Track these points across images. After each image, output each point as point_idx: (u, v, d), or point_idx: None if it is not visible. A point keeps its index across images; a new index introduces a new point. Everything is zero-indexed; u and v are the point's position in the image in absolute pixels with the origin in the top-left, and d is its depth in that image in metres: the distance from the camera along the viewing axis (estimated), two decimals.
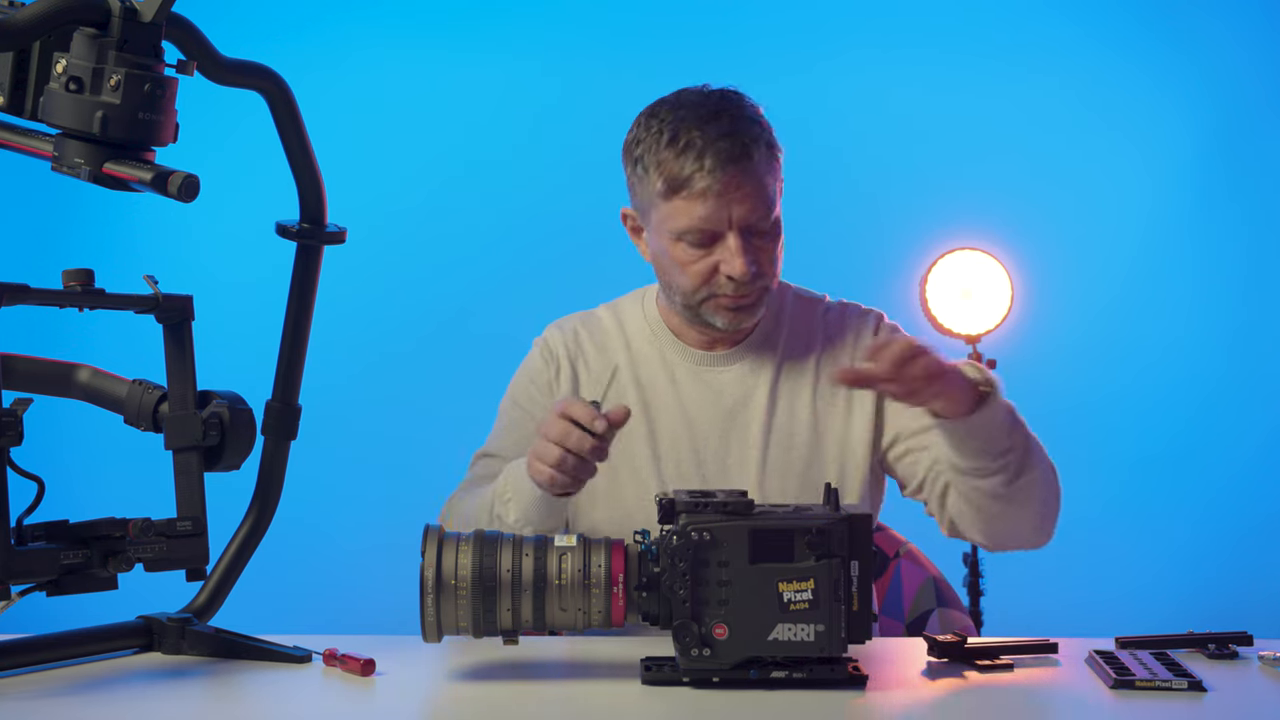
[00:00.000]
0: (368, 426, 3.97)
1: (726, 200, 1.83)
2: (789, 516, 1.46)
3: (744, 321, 1.93)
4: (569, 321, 2.07)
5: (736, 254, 1.85)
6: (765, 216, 1.86)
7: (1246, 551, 3.99)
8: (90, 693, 1.48)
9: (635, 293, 2.09)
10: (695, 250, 1.87)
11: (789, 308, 2.03)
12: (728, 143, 1.83)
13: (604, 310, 2.09)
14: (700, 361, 2.00)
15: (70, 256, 2.46)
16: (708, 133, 1.83)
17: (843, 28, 4.02)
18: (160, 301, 1.58)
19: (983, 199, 3.98)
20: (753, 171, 1.84)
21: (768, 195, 1.86)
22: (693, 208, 1.84)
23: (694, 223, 1.85)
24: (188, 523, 1.58)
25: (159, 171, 1.44)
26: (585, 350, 2.03)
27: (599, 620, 1.48)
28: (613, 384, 2.00)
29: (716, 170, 1.82)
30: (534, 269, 3.94)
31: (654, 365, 2.00)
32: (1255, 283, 4.03)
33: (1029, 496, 1.86)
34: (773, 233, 1.88)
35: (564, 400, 1.70)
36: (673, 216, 1.86)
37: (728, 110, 1.86)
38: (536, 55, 4.03)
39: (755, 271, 1.87)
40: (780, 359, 1.99)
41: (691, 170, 1.83)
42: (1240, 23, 4.00)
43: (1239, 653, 1.64)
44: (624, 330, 2.04)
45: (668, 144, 1.85)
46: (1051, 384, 3.97)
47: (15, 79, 1.48)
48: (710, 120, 1.85)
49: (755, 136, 1.85)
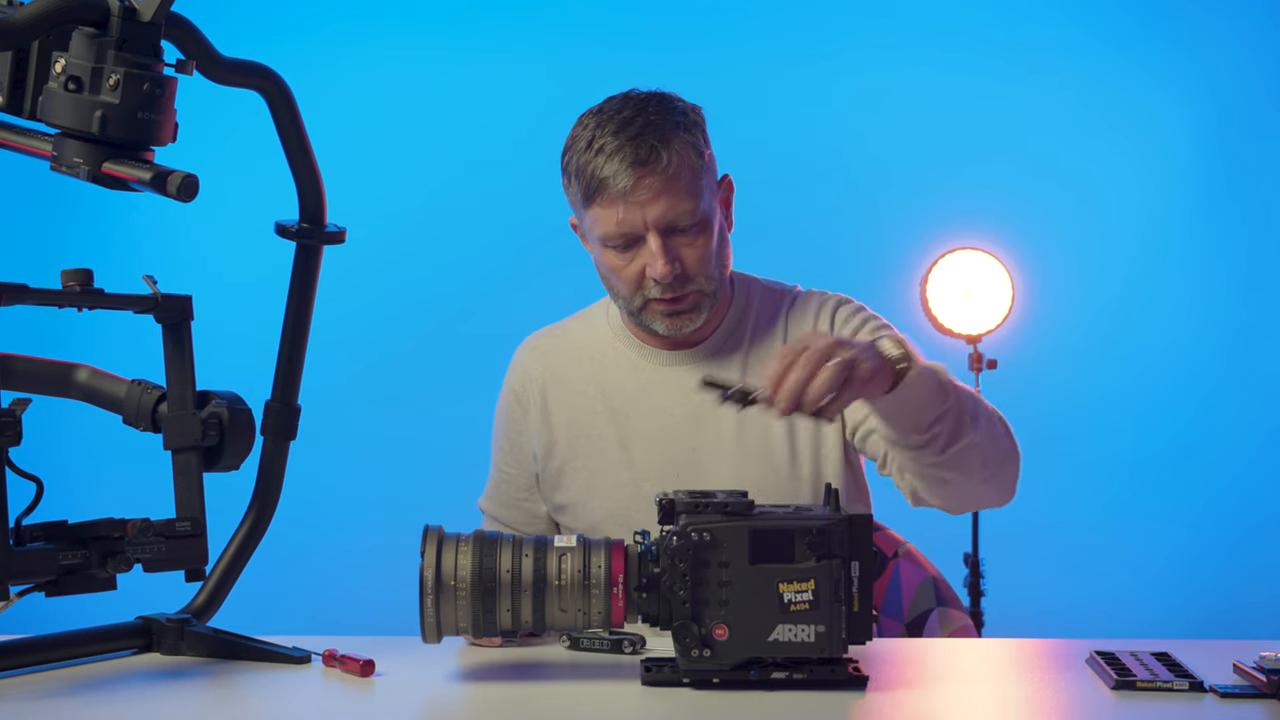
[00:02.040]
0: (367, 426, 3.97)
1: (639, 202, 1.83)
2: (789, 517, 1.46)
3: (684, 327, 1.92)
4: (536, 341, 2.08)
5: (657, 255, 1.85)
6: (686, 214, 1.85)
7: (1246, 552, 3.99)
8: (89, 693, 1.47)
9: (602, 301, 2.08)
10: (622, 255, 1.88)
11: (756, 301, 2.02)
12: (634, 145, 1.83)
13: (572, 321, 2.10)
14: (666, 361, 1.99)
15: (69, 256, 2.46)
16: (619, 137, 1.84)
17: (843, 28, 4.02)
18: (159, 301, 1.58)
19: (983, 199, 3.98)
20: (664, 171, 1.83)
21: (685, 193, 1.84)
22: (609, 212, 1.85)
23: (611, 227, 1.86)
24: (187, 523, 1.58)
25: (158, 171, 1.44)
26: (552, 368, 2.03)
27: (599, 621, 1.47)
28: (584, 397, 2.01)
29: (624, 173, 1.82)
30: (534, 269, 3.94)
31: (621, 370, 2.00)
32: (1256, 283, 4.03)
33: (969, 461, 1.78)
34: (697, 230, 1.87)
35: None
36: (595, 222, 1.88)
37: (643, 113, 1.86)
38: (536, 55, 4.03)
39: (680, 272, 1.86)
40: (747, 352, 1.98)
41: (604, 175, 1.83)
42: (1241, 22, 4.00)
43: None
44: (590, 340, 2.04)
45: (584, 150, 1.86)
46: (1052, 384, 3.97)
47: (14, 78, 1.48)
48: (624, 125, 1.85)
49: (667, 136, 1.84)
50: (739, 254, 1.99)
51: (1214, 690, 1.45)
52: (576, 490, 1.98)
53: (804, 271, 2.09)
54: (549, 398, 2.02)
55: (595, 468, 1.97)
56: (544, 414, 2.02)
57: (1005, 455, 1.84)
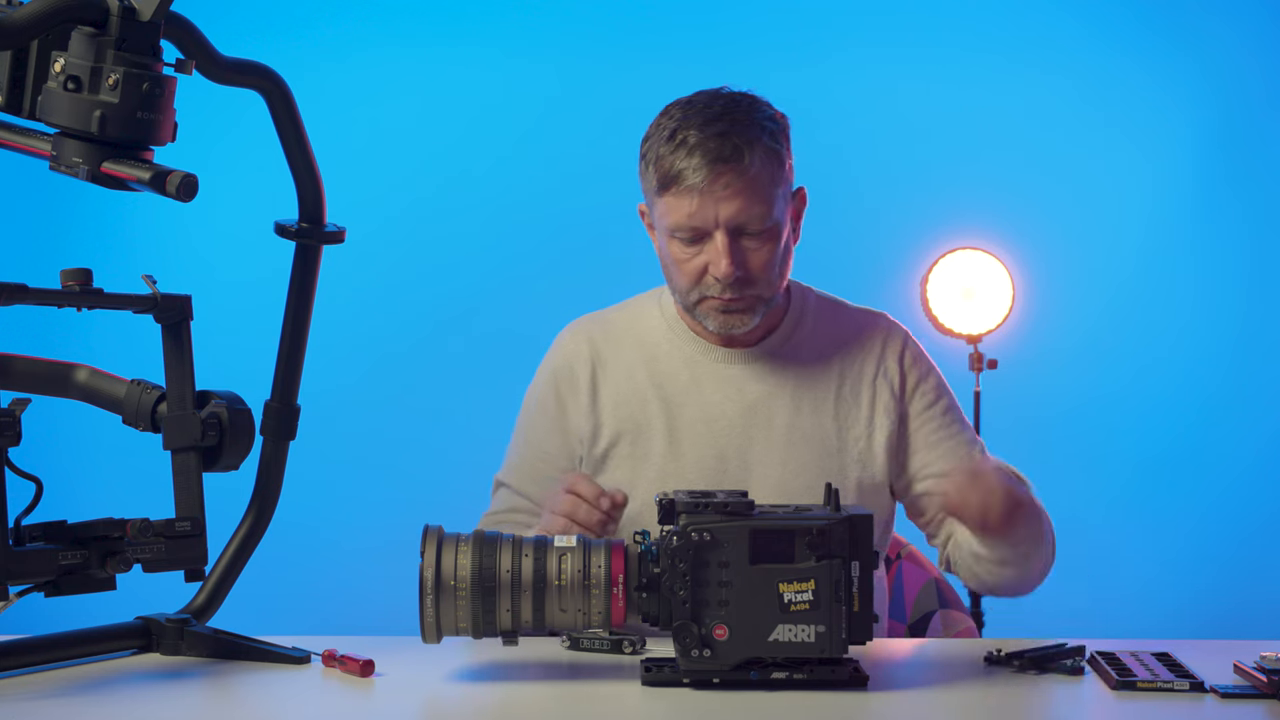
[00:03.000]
0: (367, 426, 3.96)
1: (714, 198, 1.84)
2: (789, 517, 1.46)
3: (736, 327, 1.93)
4: (583, 325, 2.07)
5: (722, 253, 1.85)
6: (757, 218, 1.86)
7: (1247, 552, 3.99)
8: (88, 694, 1.47)
9: (651, 292, 2.09)
10: (687, 248, 1.88)
11: (811, 310, 2.04)
12: (718, 142, 1.84)
13: (615, 312, 2.09)
14: (720, 358, 2.00)
15: (68, 256, 2.45)
16: (704, 131, 1.85)
17: (842, 26, 4.01)
18: (159, 301, 1.58)
19: (984, 198, 3.98)
20: (743, 172, 1.84)
21: (760, 197, 1.85)
22: (681, 204, 1.86)
23: (682, 219, 1.86)
24: (186, 523, 1.58)
25: (157, 171, 1.44)
26: (603, 354, 2.03)
27: (599, 621, 1.47)
28: (632, 384, 2.00)
29: (704, 168, 1.83)
30: (534, 269, 3.94)
31: (674, 361, 2.01)
32: (1257, 282, 4.02)
33: (1028, 569, 1.96)
34: (766, 236, 1.88)
35: (572, 477, 1.77)
36: (666, 212, 1.88)
37: (731, 112, 1.87)
38: (538, 53, 4.03)
39: (742, 275, 1.87)
40: (802, 359, 2.00)
41: (682, 166, 1.84)
42: (1242, 22, 3.99)
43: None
44: (639, 328, 2.04)
45: (666, 140, 1.87)
46: (1052, 384, 3.97)
47: (13, 78, 1.48)
48: (711, 121, 1.86)
49: (752, 139, 1.85)
50: None
51: (1214, 690, 1.45)
52: (619, 477, 1.96)
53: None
54: (598, 380, 2.02)
55: (641, 454, 1.97)
56: (592, 396, 2.01)
57: (1051, 559, 2.01)
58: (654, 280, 2.10)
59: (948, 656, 1.69)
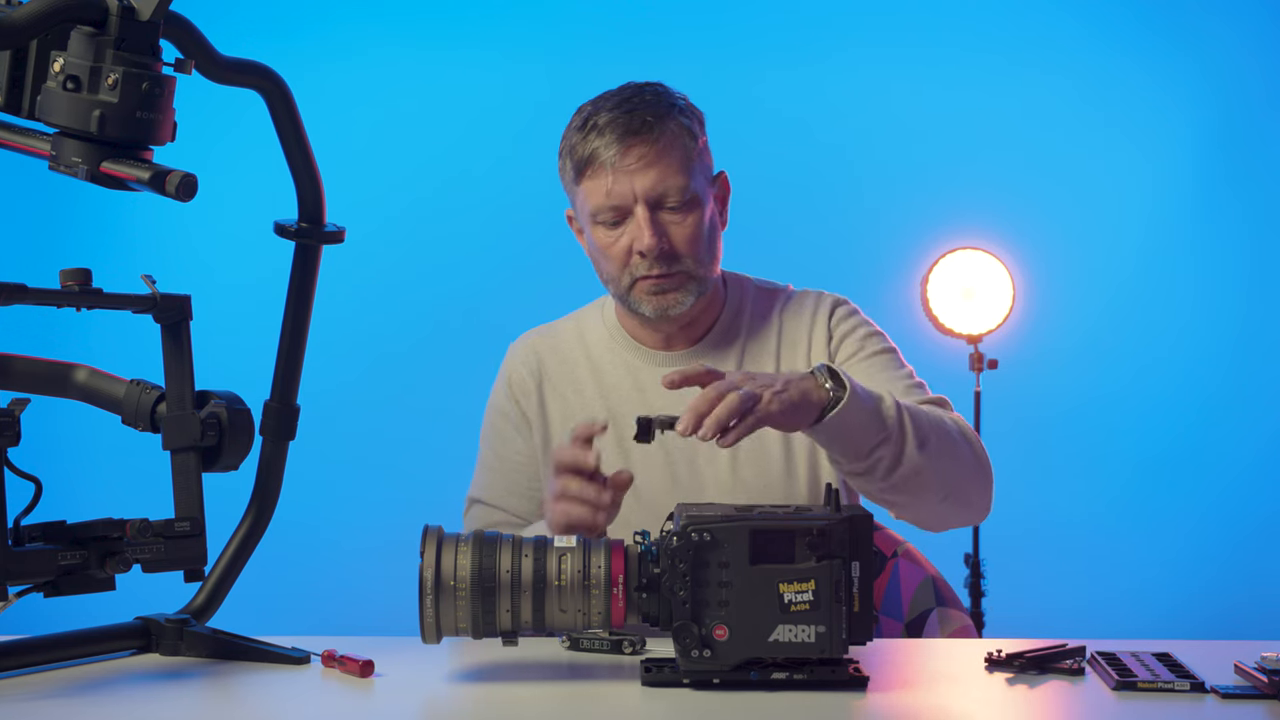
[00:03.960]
0: (367, 426, 3.96)
1: (628, 172, 1.86)
2: (790, 517, 1.46)
3: (671, 308, 1.91)
4: (528, 340, 2.08)
5: (644, 226, 1.86)
6: (675, 190, 1.87)
7: (1247, 552, 3.99)
8: (88, 694, 1.47)
9: (596, 301, 2.09)
10: (610, 231, 1.90)
11: (750, 301, 2.03)
12: (627, 117, 1.87)
13: (565, 322, 2.10)
14: (661, 362, 2.00)
15: (68, 256, 2.45)
16: (613, 112, 1.88)
17: (842, 26, 4.02)
18: (158, 301, 1.58)
19: (984, 198, 3.98)
20: (654, 142, 1.86)
21: (675, 169, 1.87)
22: (599, 184, 1.87)
23: (601, 199, 1.88)
24: (186, 523, 1.57)
25: (157, 170, 1.43)
26: (548, 368, 2.04)
27: (599, 621, 1.47)
28: (580, 397, 2.00)
29: (615, 143, 1.86)
30: (533, 268, 3.94)
31: (617, 371, 2.01)
32: (1258, 282, 4.02)
33: (918, 485, 1.77)
34: (686, 209, 1.88)
35: (556, 452, 1.71)
36: (586, 198, 1.90)
37: (640, 93, 1.90)
38: (534, 54, 4.03)
39: (667, 248, 1.88)
40: (742, 352, 1.99)
41: (594, 146, 1.87)
42: (1242, 21, 3.99)
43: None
44: (585, 339, 2.05)
45: (578, 130, 1.90)
46: (1052, 384, 3.97)
47: (12, 77, 1.48)
48: (620, 103, 1.89)
49: (661, 113, 1.88)
50: (737, 253, 1.99)
51: (1215, 691, 1.45)
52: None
53: (803, 271, 2.09)
54: (545, 393, 2.02)
55: None
56: (540, 408, 2.02)
57: (968, 476, 1.83)
58: None
59: (948, 657, 1.69)
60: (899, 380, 1.96)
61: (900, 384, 1.95)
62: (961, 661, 1.64)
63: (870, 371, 1.96)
